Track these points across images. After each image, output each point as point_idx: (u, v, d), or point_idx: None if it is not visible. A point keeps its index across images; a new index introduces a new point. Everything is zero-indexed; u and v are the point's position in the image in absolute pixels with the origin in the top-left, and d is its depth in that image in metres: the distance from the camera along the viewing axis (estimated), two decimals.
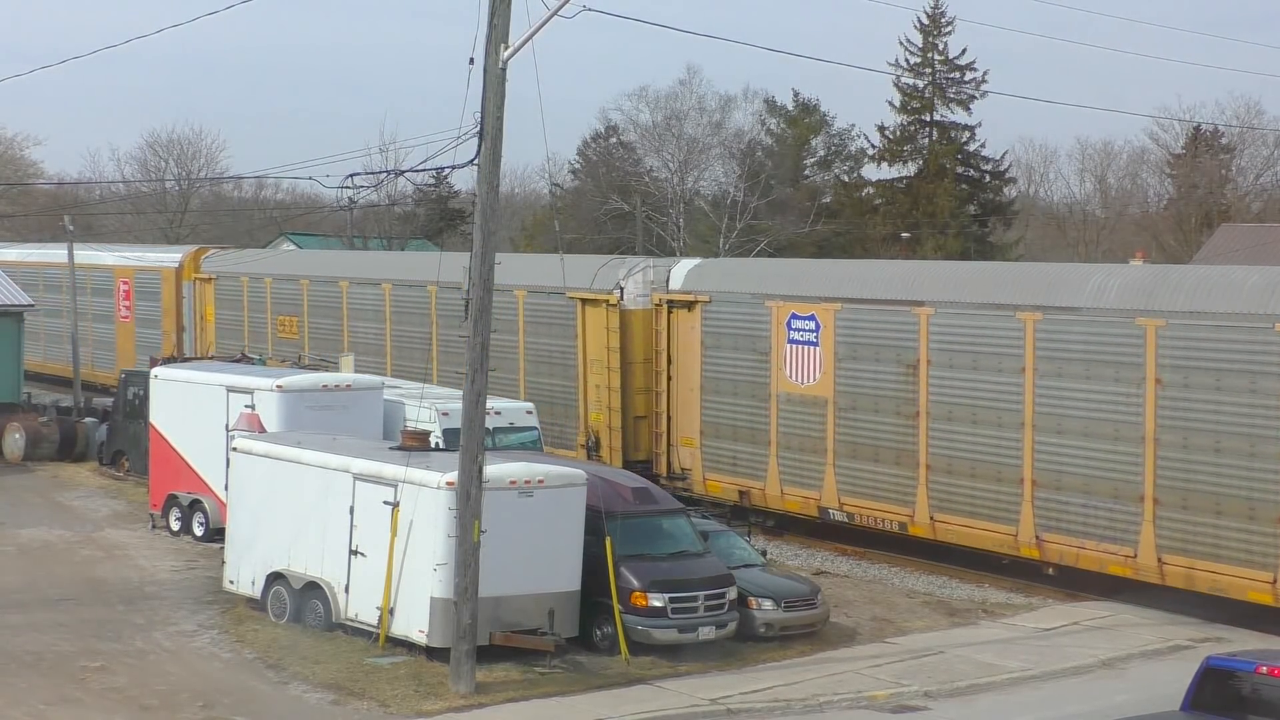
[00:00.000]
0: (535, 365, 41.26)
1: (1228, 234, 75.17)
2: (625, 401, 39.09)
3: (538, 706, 22.80)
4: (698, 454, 37.63)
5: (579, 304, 39.82)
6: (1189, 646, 26.40)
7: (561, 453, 37.45)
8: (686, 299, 37.92)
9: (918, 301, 32.81)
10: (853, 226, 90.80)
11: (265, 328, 52.06)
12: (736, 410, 36.80)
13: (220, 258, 56.23)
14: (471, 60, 22.61)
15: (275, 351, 48.87)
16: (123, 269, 59.99)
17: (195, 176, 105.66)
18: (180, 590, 29.38)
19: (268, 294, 52.22)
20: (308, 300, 50.16)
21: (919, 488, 32.61)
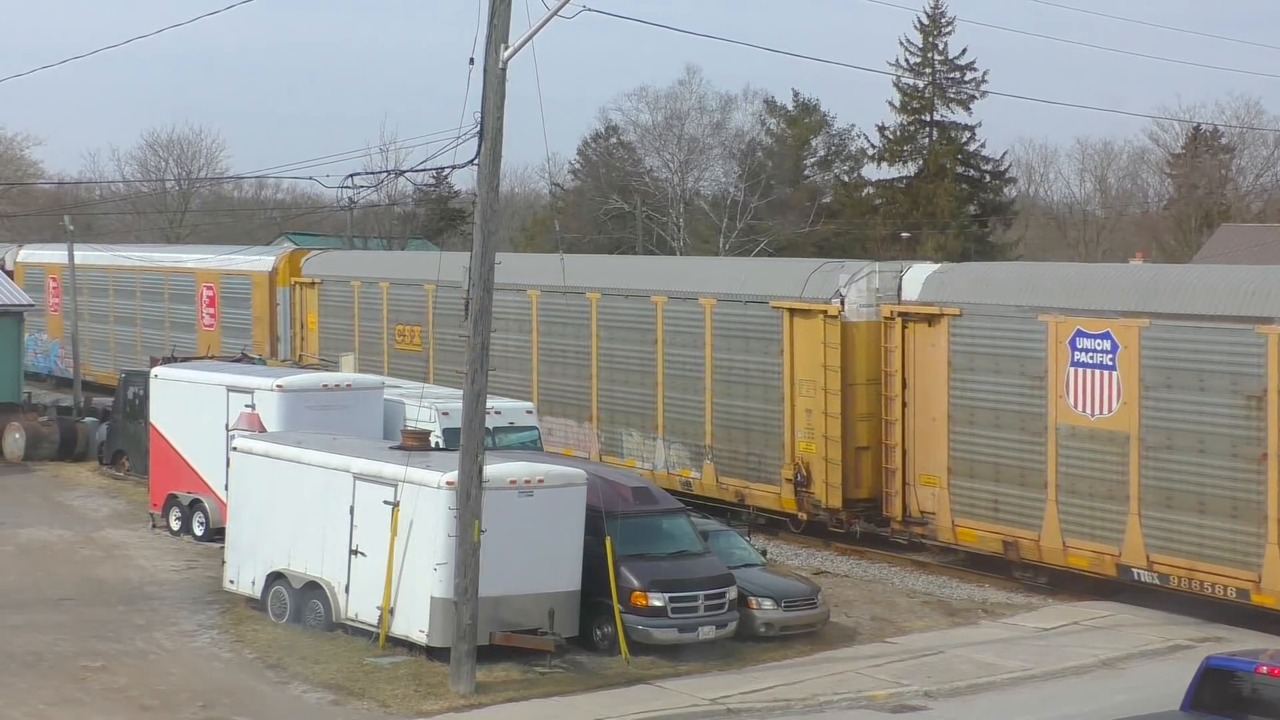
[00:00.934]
0: (725, 385, 36.35)
1: (1228, 234, 75.22)
2: (846, 430, 33.91)
3: (538, 706, 22.81)
4: (944, 495, 32.08)
5: (786, 315, 34.81)
6: (1189, 646, 26.40)
7: (761, 488, 35.29)
8: (927, 311, 32.39)
9: (1265, 318, 27.10)
10: (853, 226, 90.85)
11: (380, 337, 47.36)
12: (999, 445, 31.13)
13: (324, 260, 51.44)
14: (471, 60, 22.63)
15: (393, 367, 44.62)
16: (206, 272, 55.53)
17: (195, 176, 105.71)
18: (180, 590, 29.38)
19: (384, 300, 47.20)
20: (433, 308, 45.03)
21: (1268, 547, 26.98)
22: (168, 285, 57.10)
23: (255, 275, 52.82)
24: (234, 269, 53.85)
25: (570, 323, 40.34)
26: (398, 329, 46.22)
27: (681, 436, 37.50)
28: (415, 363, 45.09)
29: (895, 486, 33.04)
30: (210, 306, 55.02)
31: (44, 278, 63.03)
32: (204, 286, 55.30)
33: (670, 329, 37.71)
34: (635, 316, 38.68)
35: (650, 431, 38.30)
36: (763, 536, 33.98)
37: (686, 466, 37.31)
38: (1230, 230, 76.81)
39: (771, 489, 35.23)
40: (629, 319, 38.88)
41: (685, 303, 37.36)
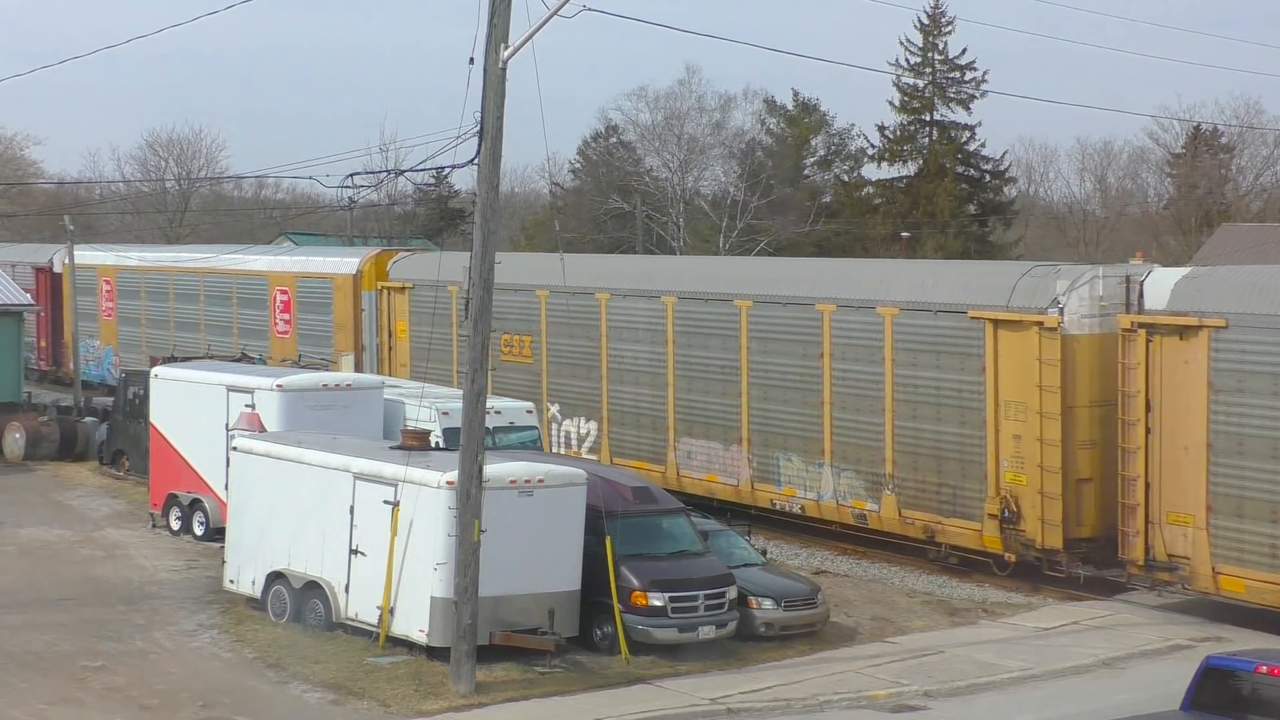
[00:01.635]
0: (909, 405, 32.46)
1: (1228, 234, 75.17)
2: (1065, 459, 29.96)
3: (538, 706, 22.81)
4: (1201, 537, 27.88)
5: (989, 326, 30.95)
6: (1189, 646, 26.39)
7: (956, 524, 31.69)
8: (1180, 323, 28.03)
9: None
10: (853, 226, 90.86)
11: None
12: None
13: (416, 262, 46.97)
14: (471, 60, 22.63)
15: (499, 381, 38.57)
16: (280, 275, 51.21)
17: (195, 176, 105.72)
18: (180, 590, 29.38)
19: None
20: (546, 314, 41.32)
21: None
22: (236, 289, 52.97)
23: (337, 279, 48.57)
24: (312, 271, 49.55)
25: (715, 333, 36.48)
26: (504, 339, 41.83)
27: (854, 463, 33.47)
28: (525, 376, 41.52)
29: (1135, 525, 28.71)
30: (285, 312, 50.75)
31: (96, 280, 60.08)
32: (278, 290, 50.92)
33: (840, 341, 33.77)
34: (795, 327, 34.80)
35: (815, 457, 34.32)
36: (762, 536, 33.92)
37: (860, 497, 33.39)
38: (1230, 230, 76.78)
39: (970, 525, 31.41)
40: (787, 329, 35.02)
41: (859, 312, 33.36)
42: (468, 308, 23.30)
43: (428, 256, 49.37)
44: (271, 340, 50.42)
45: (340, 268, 48.89)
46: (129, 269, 58.83)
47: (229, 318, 53.44)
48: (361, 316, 47.57)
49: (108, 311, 59.88)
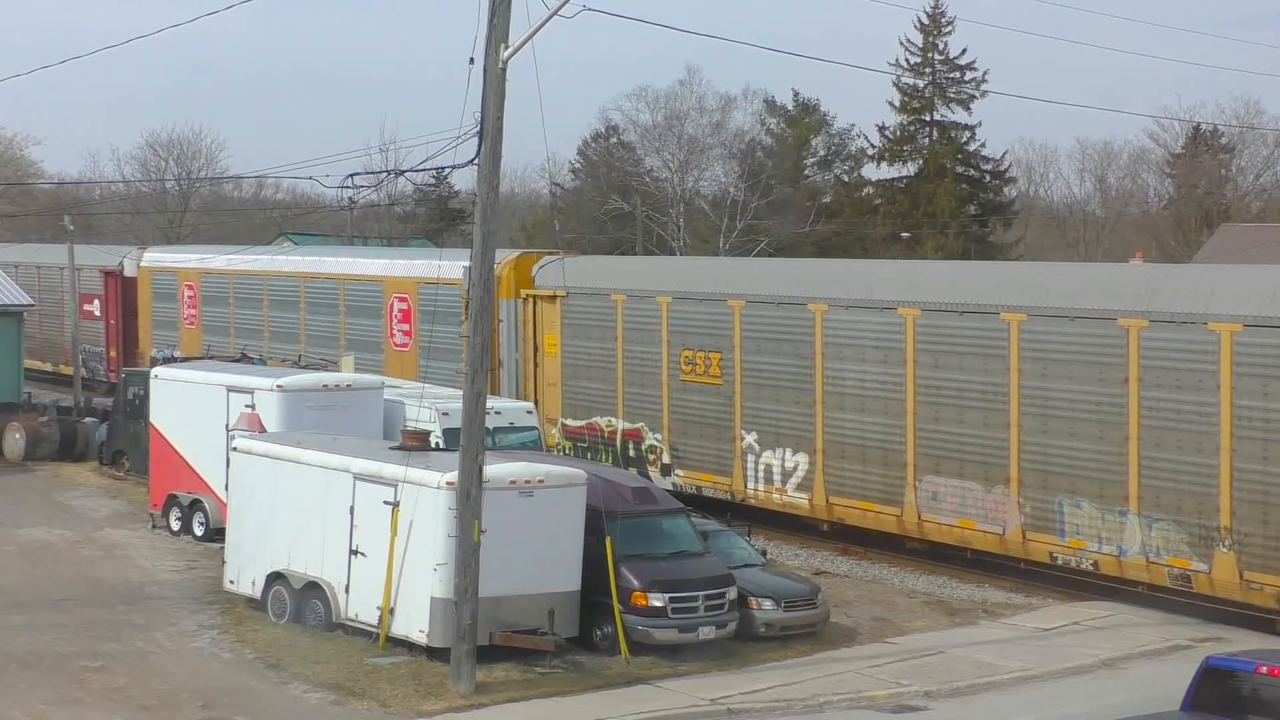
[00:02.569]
0: (1259, 444, 26.90)
1: (1228, 234, 75.21)
2: None
3: (538, 706, 22.81)
4: None
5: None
6: (1189, 646, 26.39)
7: None
8: None
9: None
10: (853, 226, 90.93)
11: (657, 365, 37.75)
12: None
13: (569, 267, 41.04)
14: (471, 60, 22.64)
15: (676, 403, 36.77)
16: (398, 281, 45.77)
17: (195, 176, 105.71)
18: (180, 590, 29.38)
19: (664, 319, 37.55)
20: (741, 328, 35.74)
21: None
22: (345, 295, 47.82)
23: None
24: (438, 277, 43.01)
25: (973, 352, 31.19)
26: (684, 355, 36.87)
27: (1172, 512, 27.99)
28: (711, 399, 36.44)
29: None
30: (404, 322, 45.51)
31: (177, 285, 55.69)
32: (395, 298, 45.78)
33: (1152, 364, 28.24)
34: (1088, 346, 29.38)
35: (1115, 503, 28.84)
36: (763, 536, 33.96)
37: (1181, 554, 27.94)
38: (1230, 230, 76.82)
39: None
40: (1076, 349, 29.57)
41: (1183, 328, 27.80)
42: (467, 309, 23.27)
43: (584, 261, 44.51)
44: (387, 354, 45.71)
45: None
46: (216, 272, 53.86)
47: (335, 328, 48.20)
48: (499, 328, 40.97)
49: (190, 319, 55.23)
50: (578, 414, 40.09)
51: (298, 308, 50.20)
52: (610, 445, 39.06)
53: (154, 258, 58.41)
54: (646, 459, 38.04)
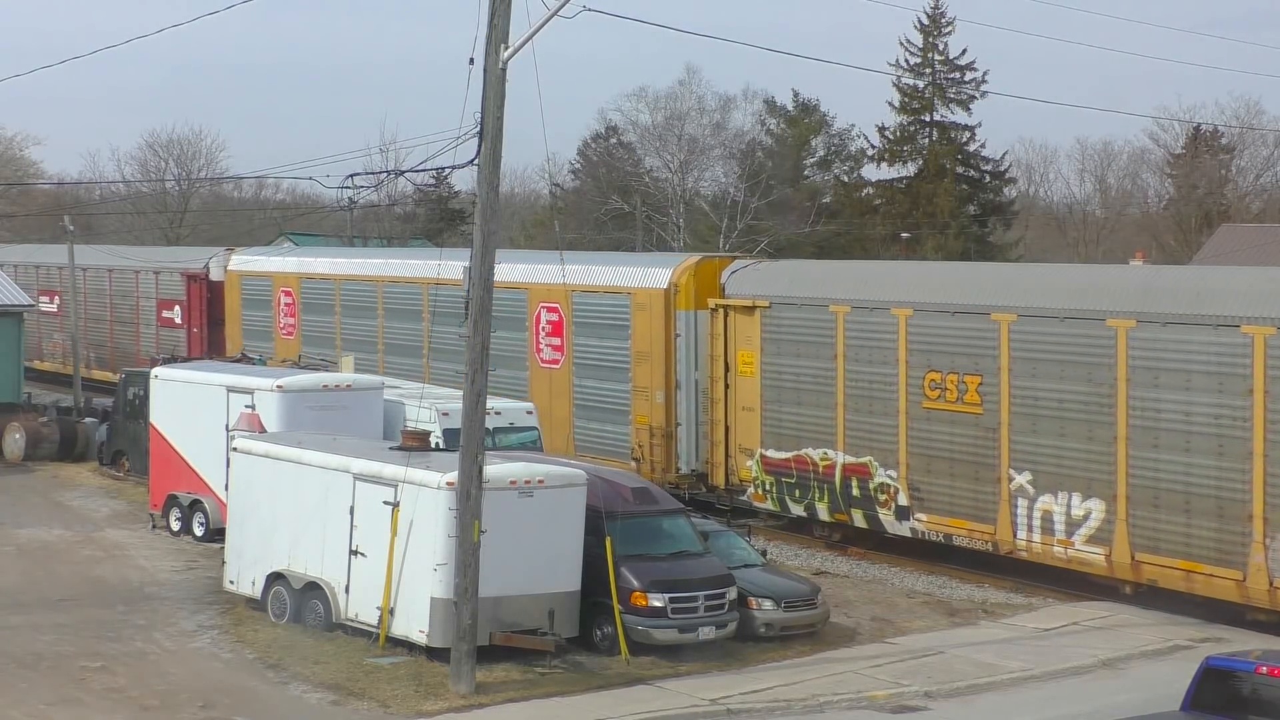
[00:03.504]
0: None
1: (1228, 234, 75.22)
2: None
3: (538, 707, 22.80)
4: None
5: None
6: (1189, 646, 26.39)
7: None
8: None
9: None
10: (853, 227, 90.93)
11: (894, 390, 32.48)
12: None
13: (769, 274, 36.00)
14: (471, 60, 22.64)
15: (918, 435, 32.04)
16: (549, 289, 40.49)
17: (195, 177, 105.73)
18: (180, 590, 29.38)
19: (901, 335, 32.31)
20: (1010, 346, 30.49)
21: None
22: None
23: (639, 293, 38.12)
24: (600, 284, 39.24)
25: (1204, 369, 27.24)
26: (929, 378, 31.84)
27: None
28: (966, 430, 31.28)
29: None
30: (555, 335, 40.50)
31: (271, 291, 50.89)
32: (543, 307, 40.70)
33: None
34: None
35: None
36: (763, 536, 33.97)
37: None
38: (1230, 230, 76.82)
39: None
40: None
41: None
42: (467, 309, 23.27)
43: (790, 266, 38.95)
44: (532, 371, 40.84)
45: (644, 279, 38.40)
46: (319, 276, 48.86)
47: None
48: (676, 343, 37.24)
49: (287, 329, 50.13)
50: (783, 444, 34.70)
51: (419, 317, 44.33)
52: (826, 481, 33.76)
53: (244, 260, 53.69)
54: (875, 499, 32.75)
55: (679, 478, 37.04)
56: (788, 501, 34.98)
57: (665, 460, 37.30)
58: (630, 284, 38.61)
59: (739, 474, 35.79)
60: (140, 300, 58.19)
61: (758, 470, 35.45)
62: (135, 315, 58.72)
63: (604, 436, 38.79)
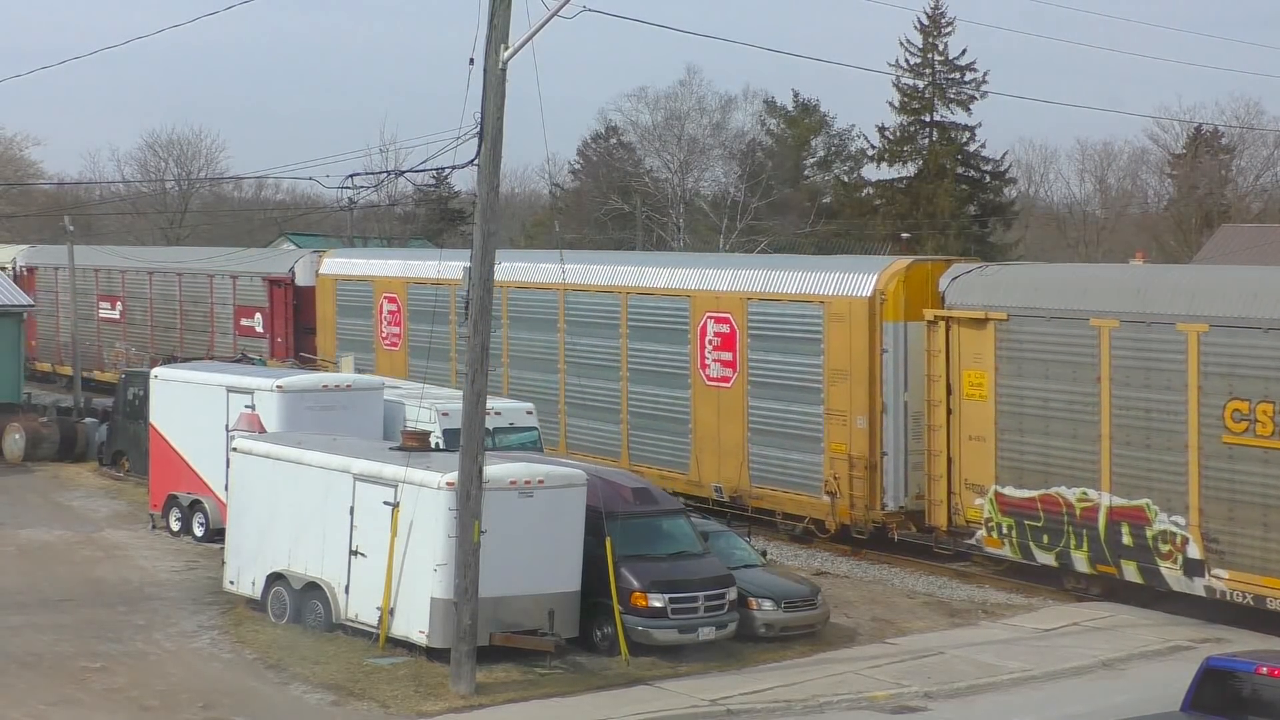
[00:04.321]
0: None
1: (1228, 234, 75.23)
2: None
3: (538, 707, 22.80)
4: None
5: None
6: (1189, 647, 26.39)
7: None
8: None
9: None
10: (853, 227, 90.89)
11: (1181, 419, 27.70)
12: None
13: (1007, 279, 31.56)
14: (471, 60, 22.64)
15: (1216, 485, 27.21)
16: (717, 298, 36.02)
17: (195, 177, 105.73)
18: (180, 591, 29.37)
19: (1193, 354, 27.52)
20: None
21: None
22: (628, 313, 38.07)
23: (835, 302, 33.45)
24: (784, 292, 34.65)
25: None
26: (1233, 408, 26.88)
27: None
28: (1277, 471, 26.52)
29: None
30: (725, 349, 35.72)
31: (372, 297, 46.28)
32: (710, 318, 36.10)
33: None
34: None
35: None
36: (762, 537, 33.96)
37: None
38: (1230, 231, 76.83)
39: None
40: None
41: None
42: (467, 309, 23.26)
43: (1033, 271, 34.10)
44: (695, 389, 36.35)
45: (841, 286, 33.67)
46: (431, 282, 42.46)
47: (614, 354, 38.25)
48: (882, 361, 32.72)
49: (391, 340, 45.66)
50: (1025, 481, 30.12)
51: (554, 328, 40.07)
52: (1086, 526, 29.10)
53: (339, 264, 48.47)
54: (1156, 549, 28.15)
55: (885, 516, 32.94)
56: (1032, 548, 30.04)
57: (867, 495, 32.98)
58: (823, 291, 33.88)
59: (965, 514, 31.09)
60: (215, 307, 54.00)
61: (991, 510, 30.74)
62: (209, 323, 54.18)
63: (788, 467, 34.45)
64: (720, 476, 35.35)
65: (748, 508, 35.23)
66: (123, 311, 59.63)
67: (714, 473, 35.36)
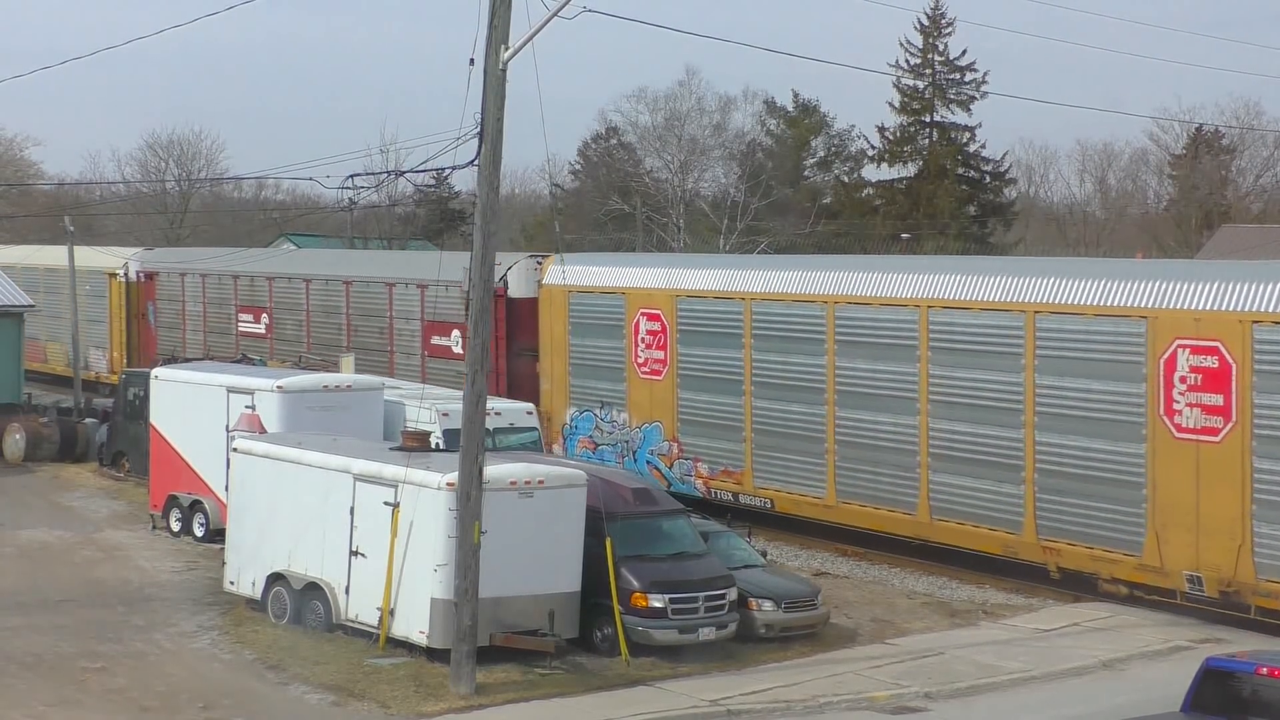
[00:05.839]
0: None
1: (1228, 235, 75.27)
2: None
3: (538, 708, 22.80)
4: None
5: None
6: (1189, 648, 26.38)
7: None
8: None
9: None
10: (853, 227, 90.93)
11: None
12: None
13: None
14: (472, 61, 22.64)
15: None
16: (1190, 319, 27.37)
17: (195, 177, 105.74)
18: (180, 591, 29.38)
19: None
20: None
21: None
22: (1034, 339, 29.79)
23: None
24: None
25: None
26: None
27: None
28: None
29: None
30: (1205, 391, 27.33)
31: (624, 313, 37.60)
32: (1178, 345, 27.55)
33: None
34: None
35: None
36: (763, 538, 33.95)
37: None
38: (1230, 231, 76.87)
39: None
40: None
41: None
42: (467, 310, 23.26)
43: None
44: (1154, 442, 27.96)
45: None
46: (712, 295, 35.57)
47: (1014, 392, 30.19)
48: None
49: (652, 368, 36.84)
50: None
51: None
52: None
53: (574, 272, 39.61)
54: None
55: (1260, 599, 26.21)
56: None
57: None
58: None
59: None
60: (395, 322, 44.82)
61: None
62: (388, 342, 44.97)
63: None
64: (1199, 562, 27.27)
65: (1247, 608, 26.86)
66: (269, 325, 50.72)
67: (1187, 557, 27.28)
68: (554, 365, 39.69)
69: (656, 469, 36.78)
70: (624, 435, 37.59)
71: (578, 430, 38.96)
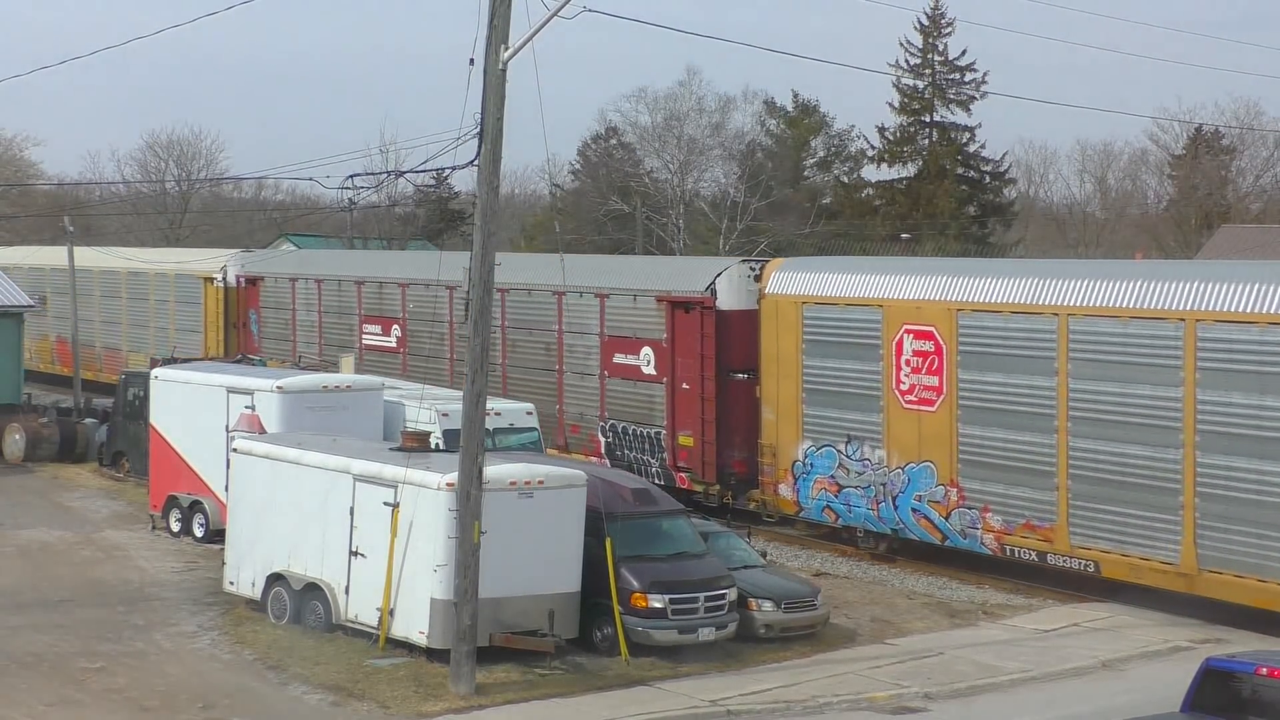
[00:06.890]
0: None
1: (1228, 235, 75.22)
2: None
3: (538, 708, 22.81)
4: None
5: None
6: (1189, 648, 26.39)
7: None
8: None
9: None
10: (853, 227, 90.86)
11: None
12: None
13: None
14: (471, 61, 22.65)
15: None
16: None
17: (195, 178, 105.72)
18: (180, 591, 29.38)
19: None
20: None
21: None
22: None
23: None
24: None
25: None
26: None
27: None
28: None
29: None
30: None
31: (881, 328, 32.20)
32: None
33: None
34: None
35: None
36: (763, 538, 33.95)
37: None
38: (1230, 231, 76.82)
39: None
40: None
41: None
42: (467, 310, 23.26)
43: None
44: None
45: None
46: (999, 309, 30.15)
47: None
48: None
49: (922, 396, 31.54)
50: None
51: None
52: None
53: (807, 280, 33.91)
54: None
55: None
56: None
57: None
58: None
59: None
60: (565, 337, 38.76)
61: None
62: (555, 359, 39.17)
63: None
64: None
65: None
66: (401, 339, 45.00)
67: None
68: (780, 390, 33.85)
69: (926, 518, 31.38)
70: (880, 477, 32.03)
71: (814, 469, 33.29)
